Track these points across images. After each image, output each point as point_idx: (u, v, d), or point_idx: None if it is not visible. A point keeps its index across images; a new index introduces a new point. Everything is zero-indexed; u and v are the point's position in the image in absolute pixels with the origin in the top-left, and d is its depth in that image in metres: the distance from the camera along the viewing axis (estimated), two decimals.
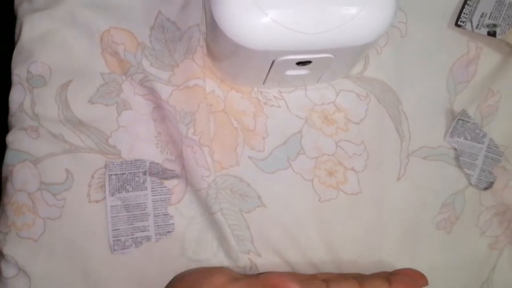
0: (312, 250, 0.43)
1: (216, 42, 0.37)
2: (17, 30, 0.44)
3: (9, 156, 0.42)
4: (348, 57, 0.38)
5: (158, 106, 0.42)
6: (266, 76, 0.39)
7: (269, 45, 0.33)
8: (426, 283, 0.40)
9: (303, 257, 0.43)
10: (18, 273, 0.41)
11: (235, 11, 0.32)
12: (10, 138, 0.42)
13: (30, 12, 0.43)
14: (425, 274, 0.43)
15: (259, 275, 0.38)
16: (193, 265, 0.42)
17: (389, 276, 0.40)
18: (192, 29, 0.42)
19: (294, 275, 0.39)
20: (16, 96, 0.42)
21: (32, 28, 0.43)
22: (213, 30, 0.35)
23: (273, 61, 0.36)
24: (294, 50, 0.34)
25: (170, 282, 0.41)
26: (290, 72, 0.38)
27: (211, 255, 0.42)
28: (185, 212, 0.42)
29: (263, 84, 0.42)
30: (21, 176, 0.41)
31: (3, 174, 0.42)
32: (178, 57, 0.42)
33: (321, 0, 0.33)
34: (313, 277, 0.39)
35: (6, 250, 0.41)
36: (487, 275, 0.44)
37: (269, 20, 0.32)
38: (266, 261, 0.42)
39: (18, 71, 0.43)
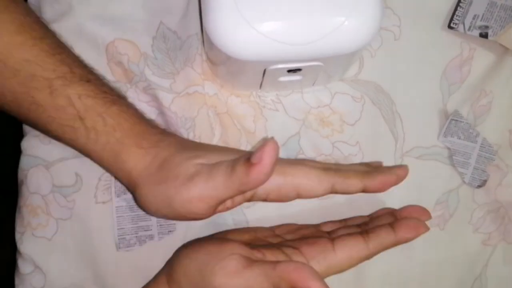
0: None
1: (212, 51, 0.39)
2: None
3: (23, 161, 0.44)
4: (337, 64, 0.39)
5: (161, 112, 0.44)
6: (261, 82, 0.41)
7: (258, 56, 0.35)
8: (429, 217, 0.41)
9: None
10: (34, 270, 0.43)
11: (224, 25, 0.34)
12: (25, 144, 0.44)
13: None
14: (419, 270, 0.45)
15: (275, 265, 0.35)
16: None
17: (392, 220, 0.40)
18: (191, 38, 0.44)
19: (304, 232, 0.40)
20: None
21: None
22: (207, 40, 0.37)
23: (265, 69, 0.38)
24: (283, 59, 0.36)
25: (174, 259, 0.39)
26: (283, 79, 0.40)
27: None
28: None
29: (260, 88, 0.43)
30: (35, 179, 0.44)
31: (19, 178, 0.45)
32: (179, 65, 0.44)
33: (306, 11, 0.34)
34: (317, 231, 0.41)
35: (23, 249, 0.43)
36: (480, 270, 0.45)
37: (257, 33, 0.34)
38: None
39: None
